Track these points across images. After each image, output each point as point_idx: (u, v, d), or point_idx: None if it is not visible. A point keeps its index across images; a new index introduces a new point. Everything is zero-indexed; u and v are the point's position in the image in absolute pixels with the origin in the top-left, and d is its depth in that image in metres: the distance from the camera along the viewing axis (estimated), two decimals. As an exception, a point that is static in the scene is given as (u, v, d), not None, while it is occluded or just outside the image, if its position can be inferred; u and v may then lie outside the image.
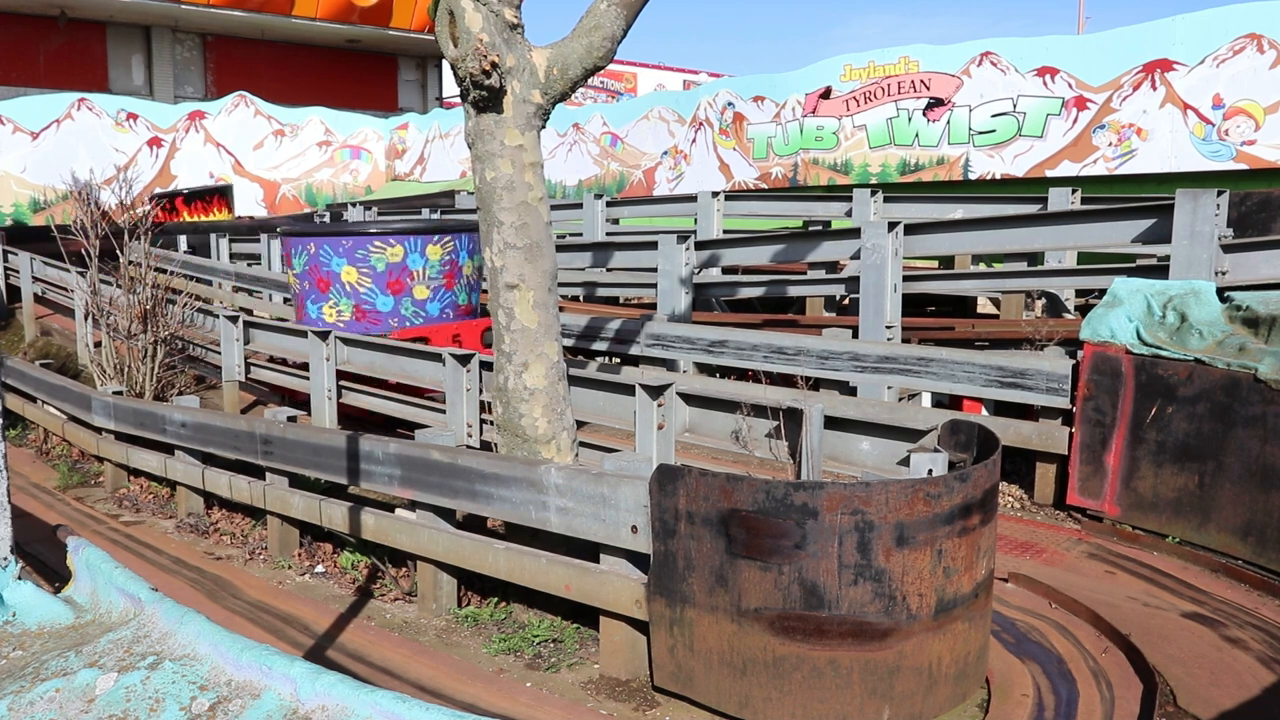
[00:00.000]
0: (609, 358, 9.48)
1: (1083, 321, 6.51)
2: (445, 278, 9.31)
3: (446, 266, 9.30)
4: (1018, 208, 9.59)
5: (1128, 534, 6.11)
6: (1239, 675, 4.35)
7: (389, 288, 9.04)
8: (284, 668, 2.28)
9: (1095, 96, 12.74)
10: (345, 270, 9.01)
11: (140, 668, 2.46)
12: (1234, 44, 11.55)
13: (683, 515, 4.21)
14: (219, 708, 2.28)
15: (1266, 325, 5.97)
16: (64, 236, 11.32)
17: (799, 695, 4.01)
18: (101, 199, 11.49)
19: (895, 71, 14.82)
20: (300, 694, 2.23)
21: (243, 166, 22.77)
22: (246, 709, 2.25)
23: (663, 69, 37.97)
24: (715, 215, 11.99)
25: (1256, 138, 11.42)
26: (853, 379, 7.40)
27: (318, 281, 9.12)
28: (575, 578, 4.77)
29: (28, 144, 20.13)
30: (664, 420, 5.95)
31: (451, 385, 7.31)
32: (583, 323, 9.30)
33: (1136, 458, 6.12)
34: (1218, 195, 6.85)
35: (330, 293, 9.09)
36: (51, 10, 24.56)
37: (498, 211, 5.12)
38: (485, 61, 4.74)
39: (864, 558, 3.91)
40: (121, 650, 2.59)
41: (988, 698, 4.35)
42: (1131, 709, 4.17)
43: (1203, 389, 5.84)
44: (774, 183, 16.48)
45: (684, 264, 9.29)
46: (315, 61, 28.73)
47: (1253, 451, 5.59)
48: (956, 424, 5.00)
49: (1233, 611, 5.07)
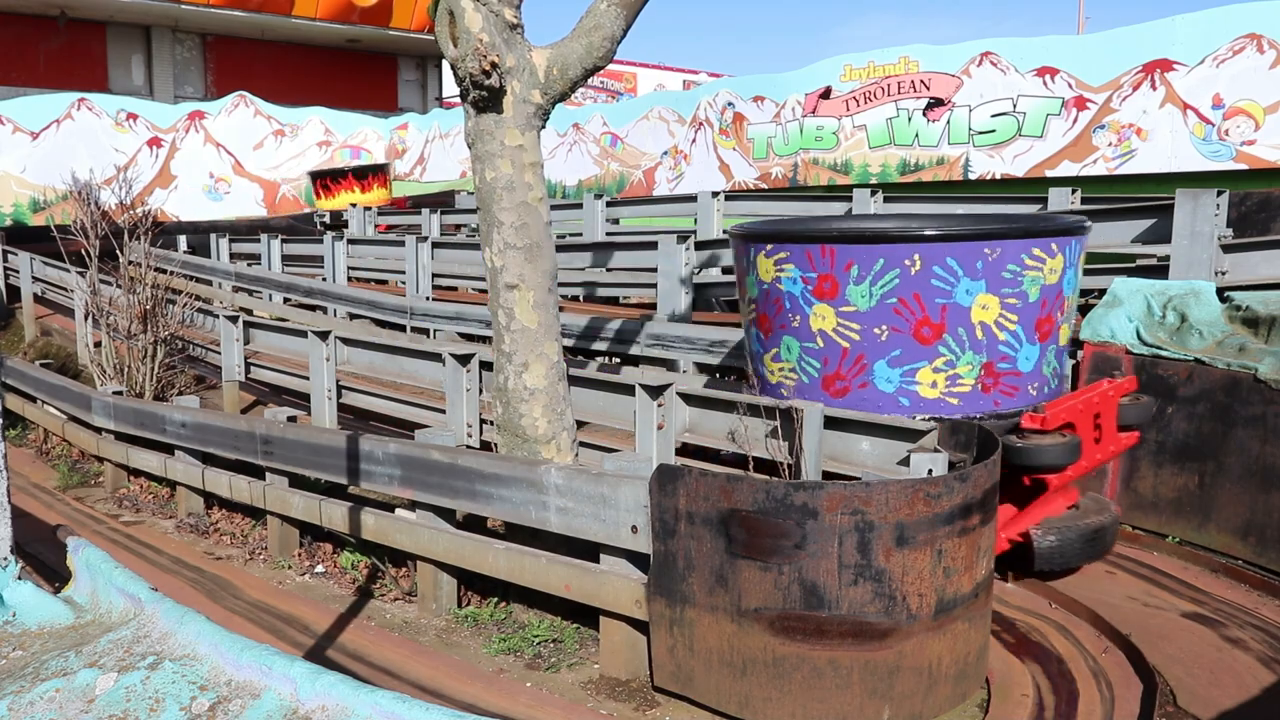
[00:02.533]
0: (609, 358, 9.48)
1: (1083, 321, 6.51)
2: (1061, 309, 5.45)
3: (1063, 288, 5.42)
4: (1018, 208, 9.58)
5: (1128, 534, 6.11)
6: (1239, 675, 4.35)
7: (1037, 329, 5.24)
8: (284, 668, 2.28)
9: (1095, 96, 12.74)
10: (981, 302, 5.06)
11: (140, 668, 2.46)
12: (1234, 44, 11.55)
13: (683, 515, 4.21)
14: (219, 708, 2.28)
15: (1266, 325, 5.97)
16: (64, 236, 11.31)
17: (799, 695, 4.01)
18: (101, 199, 11.49)
19: (895, 71, 14.82)
20: (300, 694, 2.23)
21: (243, 166, 22.76)
22: (246, 709, 2.25)
23: (663, 69, 37.97)
24: (715, 215, 11.98)
25: (1256, 138, 11.41)
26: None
27: (917, 324, 5.06)
28: (575, 578, 4.77)
29: (28, 144, 20.12)
30: (664, 420, 5.95)
31: (451, 385, 7.31)
32: (583, 323, 9.29)
33: (1136, 458, 6.11)
34: (1218, 195, 6.85)
35: (942, 344, 5.09)
36: (51, 10, 24.54)
37: (498, 211, 5.11)
38: (485, 61, 4.74)
39: (864, 558, 3.91)
40: (121, 650, 2.58)
41: (988, 698, 4.35)
42: (1131, 709, 4.17)
43: (1203, 389, 5.84)
44: (774, 183, 16.48)
45: (684, 264, 9.28)
46: (315, 61, 28.72)
47: (1253, 451, 5.59)
48: (956, 424, 5.00)
49: (1233, 611, 5.06)
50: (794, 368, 5.43)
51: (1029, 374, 5.26)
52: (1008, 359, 5.16)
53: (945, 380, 5.10)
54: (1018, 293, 5.10)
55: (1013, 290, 5.08)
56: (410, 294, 11.97)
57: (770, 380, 5.66)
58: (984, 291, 5.02)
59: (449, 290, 12.48)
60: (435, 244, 12.14)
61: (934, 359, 5.07)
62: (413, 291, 12.03)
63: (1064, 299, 5.34)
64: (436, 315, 10.80)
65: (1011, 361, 5.17)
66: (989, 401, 5.19)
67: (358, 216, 17.65)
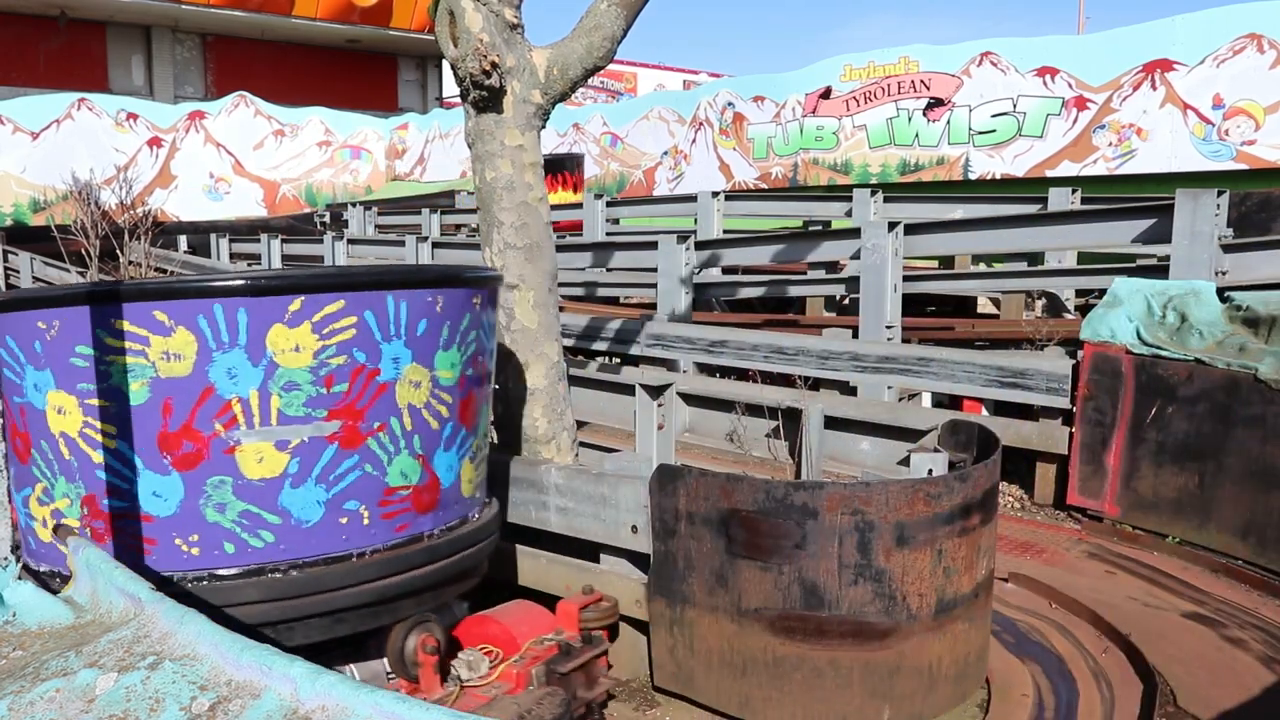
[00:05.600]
0: (609, 358, 9.48)
1: (1083, 321, 6.51)
2: None
3: None
4: (1018, 208, 9.59)
5: (1128, 534, 6.11)
6: (1239, 675, 4.35)
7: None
8: (284, 668, 2.28)
9: (1095, 96, 12.75)
10: (56, 403, 3.25)
11: (140, 668, 2.46)
12: (1234, 44, 11.55)
13: (683, 515, 4.21)
14: (219, 708, 2.28)
15: (1266, 325, 5.97)
16: (64, 236, 11.32)
17: (799, 695, 4.01)
18: (101, 199, 11.50)
19: (895, 71, 14.82)
20: (300, 694, 2.23)
21: (243, 166, 22.77)
22: (246, 709, 2.25)
23: (663, 69, 37.95)
24: (715, 215, 11.98)
25: (1256, 138, 11.42)
26: (853, 379, 7.40)
27: None
28: (575, 578, 4.76)
29: (28, 144, 20.13)
30: (664, 420, 5.96)
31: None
32: (583, 323, 9.29)
33: (1136, 458, 6.12)
34: (1218, 195, 6.85)
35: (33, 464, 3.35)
36: (51, 10, 24.55)
37: (498, 211, 5.12)
38: (485, 61, 4.74)
39: (864, 558, 3.91)
40: (121, 650, 2.58)
41: (988, 698, 4.35)
42: (1131, 709, 4.17)
43: (1203, 389, 5.84)
44: (774, 183, 16.49)
45: (684, 264, 9.28)
46: (315, 61, 28.74)
47: (1253, 451, 5.59)
48: (956, 424, 5.01)
49: (1233, 611, 5.06)
50: None
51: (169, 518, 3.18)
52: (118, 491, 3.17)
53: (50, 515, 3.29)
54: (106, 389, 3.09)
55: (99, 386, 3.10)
56: (410, 294, 11.94)
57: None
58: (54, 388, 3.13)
59: (449, 290, 12.45)
60: (435, 244, 12.14)
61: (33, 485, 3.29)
62: (413, 291, 12.00)
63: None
64: (436, 315, 10.78)
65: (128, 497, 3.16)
66: None
67: (358, 216, 17.64)
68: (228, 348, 3.11)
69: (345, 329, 3.26)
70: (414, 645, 3.51)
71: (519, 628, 3.81)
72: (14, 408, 3.23)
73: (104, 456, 3.14)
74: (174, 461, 3.14)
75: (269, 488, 3.23)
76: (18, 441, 3.26)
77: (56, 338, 3.10)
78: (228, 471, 3.18)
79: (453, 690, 3.56)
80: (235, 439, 3.16)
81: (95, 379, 3.10)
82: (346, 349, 3.27)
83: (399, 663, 3.54)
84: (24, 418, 3.22)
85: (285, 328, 3.16)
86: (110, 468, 3.15)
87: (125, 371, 3.08)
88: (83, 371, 3.10)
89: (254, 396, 3.16)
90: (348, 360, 3.28)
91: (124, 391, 3.09)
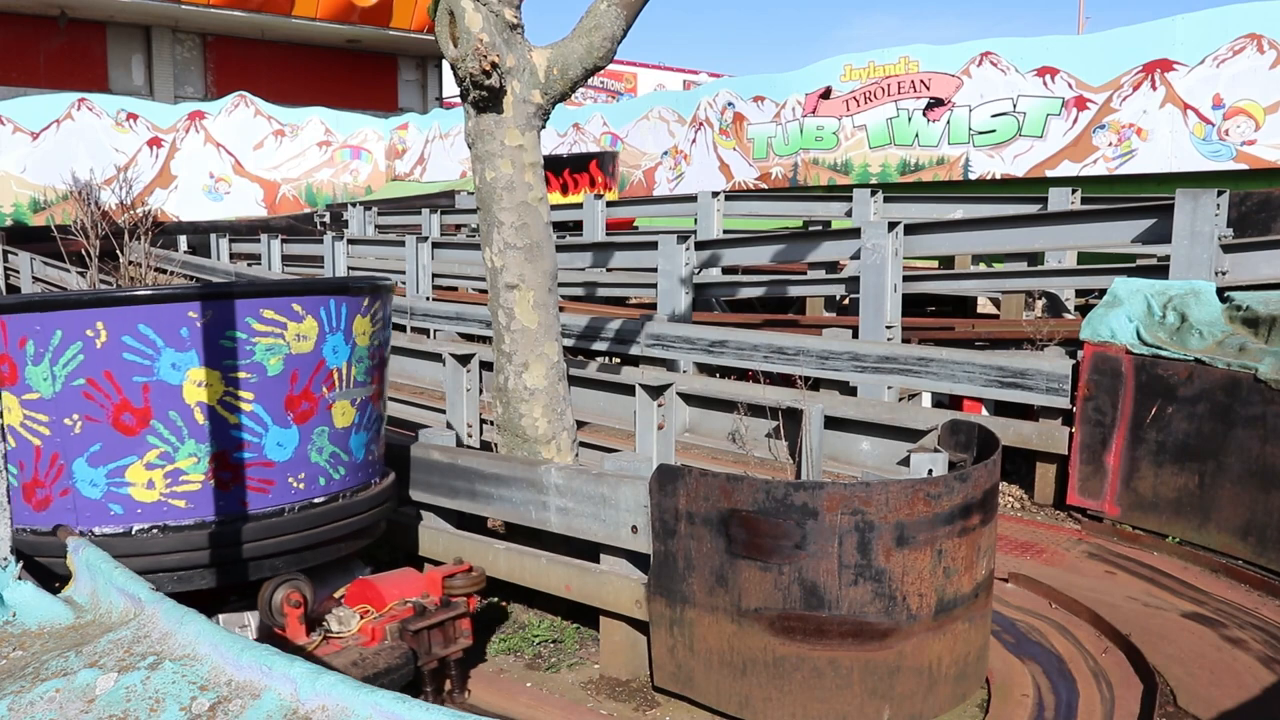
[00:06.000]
0: (609, 358, 9.48)
1: (1083, 321, 6.51)
2: None
3: None
4: (1018, 208, 9.58)
5: (1128, 534, 6.11)
6: (1239, 675, 4.35)
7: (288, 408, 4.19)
8: (284, 668, 2.28)
9: (1095, 96, 12.75)
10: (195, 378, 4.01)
11: (140, 668, 2.46)
12: (1234, 44, 11.55)
13: (683, 515, 4.21)
14: (219, 708, 2.28)
15: (1266, 325, 5.97)
16: (64, 236, 11.32)
17: (799, 695, 4.01)
18: (101, 199, 11.50)
19: (895, 71, 14.82)
20: (300, 694, 2.23)
21: (243, 167, 22.77)
22: (246, 709, 2.25)
23: (663, 69, 37.96)
24: (715, 215, 11.98)
25: (1256, 138, 11.42)
26: (853, 379, 7.41)
27: (115, 410, 3.98)
28: (575, 578, 4.77)
29: (28, 144, 20.13)
30: (664, 420, 5.95)
31: (451, 385, 7.30)
32: (583, 323, 9.29)
33: (1136, 458, 6.12)
34: (1218, 195, 6.85)
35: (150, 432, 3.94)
36: (51, 10, 24.56)
37: (498, 211, 5.12)
38: (485, 61, 4.74)
39: (864, 558, 3.91)
40: (121, 650, 2.59)
41: (988, 698, 4.35)
42: (1131, 709, 4.17)
43: (1203, 389, 5.84)
44: (774, 183, 16.49)
45: (684, 264, 9.28)
46: (315, 61, 28.74)
47: (1253, 451, 5.59)
48: (956, 424, 5.00)
49: (1233, 611, 5.07)
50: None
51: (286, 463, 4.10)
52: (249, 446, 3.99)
53: (164, 477, 3.88)
54: (249, 364, 3.92)
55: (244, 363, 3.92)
56: (410, 294, 11.97)
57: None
58: (197, 366, 3.83)
59: (449, 290, 12.49)
60: (435, 244, 12.14)
61: (144, 452, 3.85)
62: (413, 291, 12.03)
63: (329, 370, 4.15)
64: (436, 315, 10.80)
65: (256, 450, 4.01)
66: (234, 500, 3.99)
67: (358, 216, 17.64)
68: (334, 331, 4.14)
69: (381, 319, 4.46)
70: (280, 598, 4.01)
71: (389, 590, 4.26)
72: (131, 387, 3.78)
73: (240, 418, 3.93)
74: (295, 418, 4.07)
75: (345, 434, 4.29)
76: (124, 417, 3.81)
77: (207, 324, 3.79)
78: (326, 423, 4.19)
79: (315, 639, 4.05)
80: (333, 398, 4.19)
81: (239, 356, 3.87)
82: (381, 333, 4.47)
83: (268, 612, 4.02)
84: (146, 395, 3.80)
85: (361, 317, 4.28)
86: (245, 426, 3.94)
87: (268, 350, 3.95)
88: (229, 350, 3.85)
89: (345, 367, 4.22)
90: (381, 340, 4.51)
91: (264, 365, 3.94)
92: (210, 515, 3.92)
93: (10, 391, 3.82)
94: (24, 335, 3.77)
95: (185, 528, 3.88)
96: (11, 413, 3.84)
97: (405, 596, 4.26)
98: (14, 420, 3.85)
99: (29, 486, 3.91)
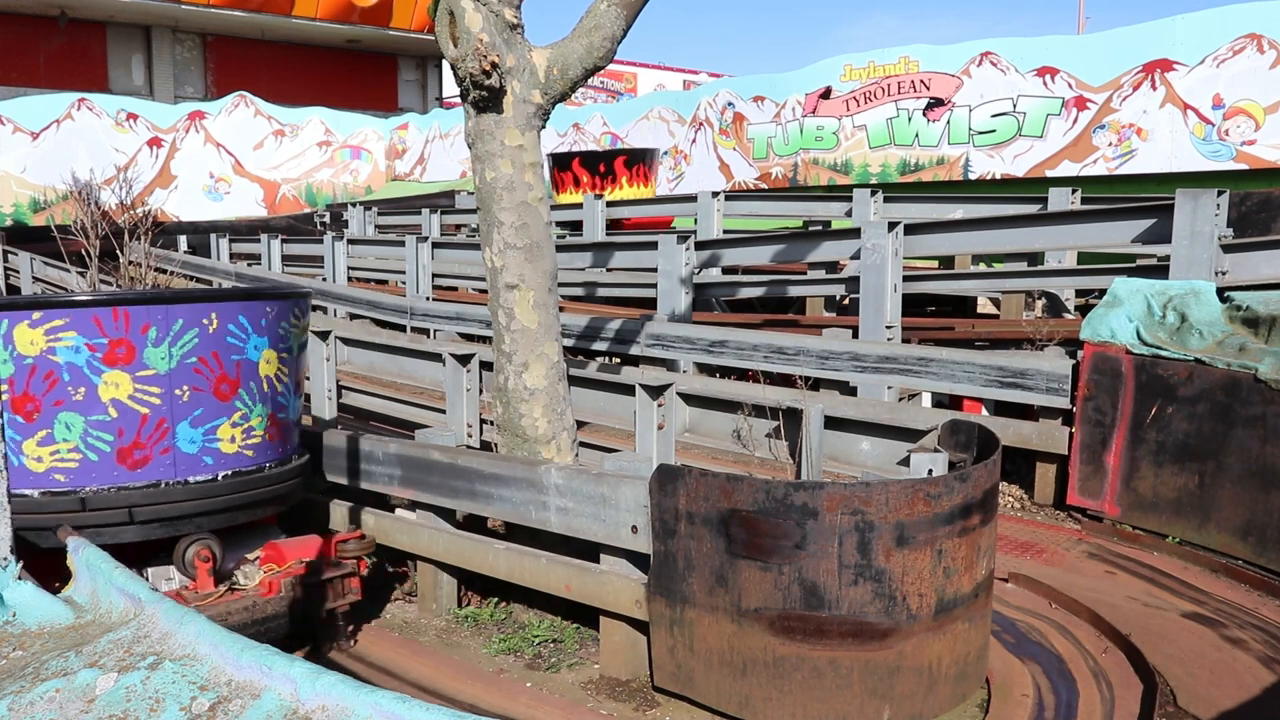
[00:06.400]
0: (609, 358, 9.48)
1: (1083, 321, 6.51)
2: None
3: None
4: (1018, 208, 9.58)
5: (1128, 534, 6.11)
6: (1239, 675, 4.35)
7: (298, 381, 5.65)
8: (284, 668, 2.28)
9: (1095, 96, 12.75)
10: (266, 357, 5.25)
11: (140, 668, 2.46)
12: (1234, 44, 11.55)
13: (683, 515, 4.21)
14: (219, 708, 2.28)
15: (1266, 325, 5.97)
16: (64, 236, 11.32)
17: (799, 695, 4.01)
18: (101, 199, 11.49)
19: (895, 71, 14.82)
20: (300, 694, 2.23)
21: (243, 167, 22.77)
22: (246, 709, 2.25)
23: (663, 69, 37.95)
24: (715, 215, 11.98)
25: (1256, 138, 11.42)
26: (853, 379, 7.40)
27: (216, 382, 5.06)
28: (575, 578, 4.77)
29: (28, 144, 20.14)
30: (664, 420, 5.95)
31: (451, 385, 7.30)
32: (583, 323, 9.29)
33: (1136, 458, 6.12)
34: (1218, 195, 6.85)
35: (238, 399, 5.09)
36: (51, 10, 24.56)
37: (498, 211, 5.12)
38: (485, 61, 4.74)
39: (864, 558, 3.91)
40: (121, 650, 2.59)
41: (988, 698, 4.35)
42: (1131, 709, 4.17)
43: (1203, 389, 5.84)
44: (774, 183, 16.49)
45: (684, 264, 9.28)
46: (315, 61, 28.74)
47: (1253, 451, 5.59)
48: (956, 424, 5.00)
49: (1233, 611, 5.06)
50: (76, 447, 4.72)
51: (295, 421, 5.58)
52: (284, 409, 5.36)
53: (241, 434, 5.08)
54: (288, 348, 5.30)
55: (285, 346, 5.26)
56: (410, 294, 11.97)
57: (35, 470, 4.70)
58: (268, 347, 5.14)
59: (449, 290, 12.49)
60: (435, 244, 12.14)
61: (232, 414, 5.02)
62: (413, 291, 12.03)
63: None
64: (437, 315, 10.80)
65: (286, 411, 5.38)
66: (275, 449, 5.28)
67: (358, 216, 17.64)
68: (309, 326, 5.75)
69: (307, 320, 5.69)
70: (192, 554, 4.80)
71: (291, 552, 5.03)
72: (229, 364, 4.94)
73: (282, 387, 5.26)
74: (297, 389, 5.46)
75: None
76: (223, 387, 4.94)
77: (273, 316, 5.10)
78: (301, 392, 5.53)
79: (221, 590, 4.81)
80: (308, 374, 5.62)
81: (284, 340, 5.20)
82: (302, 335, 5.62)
83: (181, 566, 4.82)
84: (238, 369, 4.97)
85: (303, 316, 5.52)
86: (283, 393, 5.27)
87: (296, 337, 5.35)
88: (282, 336, 5.18)
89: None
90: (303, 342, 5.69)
91: (293, 348, 5.32)
92: (265, 461, 5.16)
93: (124, 370, 4.68)
94: (147, 322, 4.67)
95: (250, 472, 5.05)
96: (120, 387, 4.69)
97: (302, 557, 5.00)
98: (123, 394, 4.70)
99: (126, 450, 4.75)
